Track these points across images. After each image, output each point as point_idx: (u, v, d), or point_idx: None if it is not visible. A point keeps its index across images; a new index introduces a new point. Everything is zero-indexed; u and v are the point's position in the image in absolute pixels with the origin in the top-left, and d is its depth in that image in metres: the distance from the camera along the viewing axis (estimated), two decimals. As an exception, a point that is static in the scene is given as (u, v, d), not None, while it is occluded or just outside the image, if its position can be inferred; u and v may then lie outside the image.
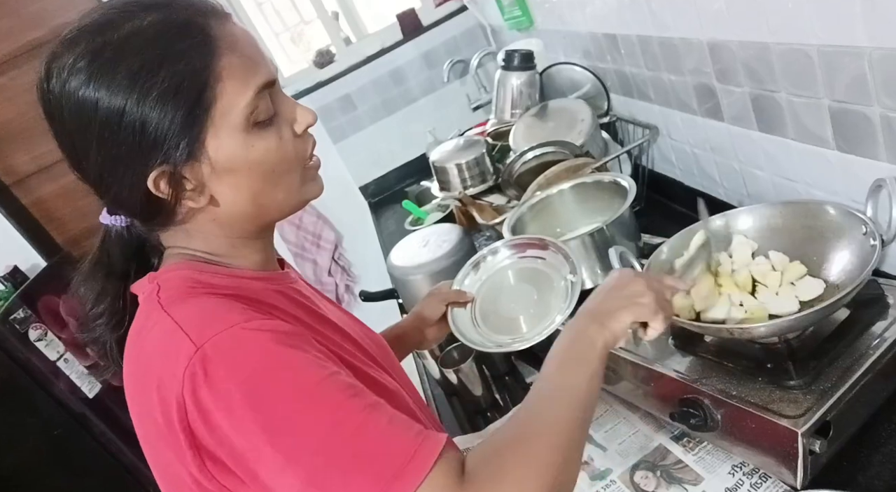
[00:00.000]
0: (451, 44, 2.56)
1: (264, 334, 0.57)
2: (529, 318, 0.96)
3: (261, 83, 0.62)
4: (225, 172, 0.62)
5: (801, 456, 0.71)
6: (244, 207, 0.66)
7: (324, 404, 0.54)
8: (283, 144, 0.65)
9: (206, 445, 0.55)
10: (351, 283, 2.84)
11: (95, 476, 2.37)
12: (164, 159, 0.60)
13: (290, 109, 0.67)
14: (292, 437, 0.53)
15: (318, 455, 0.52)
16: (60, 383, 2.29)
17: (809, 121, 0.91)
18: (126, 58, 0.57)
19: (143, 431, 0.61)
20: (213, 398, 0.53)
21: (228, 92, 0.60)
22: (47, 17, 2.35)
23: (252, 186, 0.64)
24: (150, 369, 0.59)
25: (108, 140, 0.59)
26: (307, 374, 0.56)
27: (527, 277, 1.03)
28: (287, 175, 0.67)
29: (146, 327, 0.62)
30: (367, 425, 0.54)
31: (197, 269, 0.65)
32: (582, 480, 0.93)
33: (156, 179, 0.60)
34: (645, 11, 1.19)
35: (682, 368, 0.87)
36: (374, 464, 0.52)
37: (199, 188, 0.63)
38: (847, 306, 0.82)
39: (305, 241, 2.67)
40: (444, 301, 1.04)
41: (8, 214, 2.50)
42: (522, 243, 1.07)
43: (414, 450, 0.53)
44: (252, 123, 0.62)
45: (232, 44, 0.61)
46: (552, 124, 1.56)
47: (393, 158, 2.66)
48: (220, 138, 0.61)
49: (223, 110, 0.60)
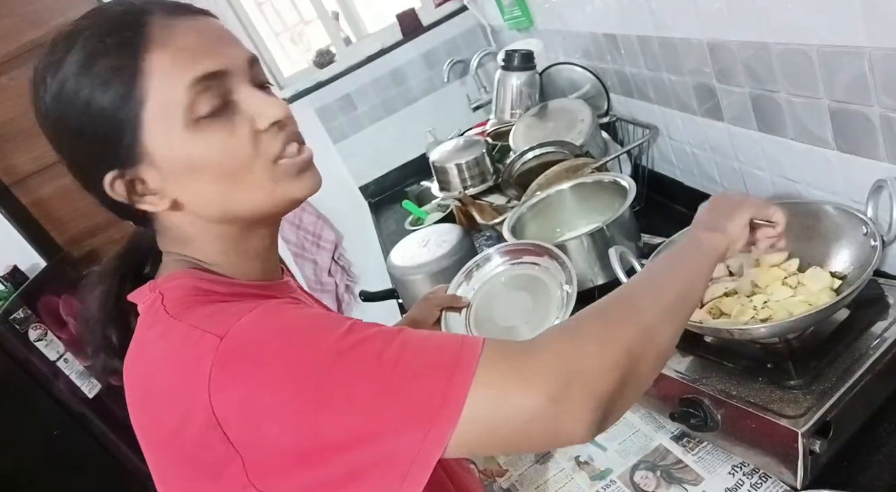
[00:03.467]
0: (451, 44, 2.56)
1: (282, 306, 0.57)
2: (525, 326, 0.95)
3: (198, 75, 0.57)
4: (174, 174, 0.59)
5: (801, 456, 0.71)
6: (209, 209, 0.62)
7: (360, 346, 0.52)
8: (236, 140, 0.59)
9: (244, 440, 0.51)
10: (351, 283, 2.84)
11: (95, 476, 2.36)
12: (110, 164, 0.59)
13: (254, 103, 0.61)
14: (347, 387, 0.50)
15: (377, 396, 0.50)
16: (60, 383, 2.29)
17: (809, 121, 0.91)
18: (66, 65, 0.57)
19: (152, 445, 0.59)
20: (251, 378, 0.51)
21: (158, 88, 0.56)
22: (47, 17, 2.35)
23: (207, 187, 0.60)
24: (159, 378, 0.56)
25: (66, 148, 0.60)
26: (333, 325, 0.54)
27: (522, 284, 1.03)
28: (248, 174, 0.61)
29: (150, 339, 0.60)
30: (408, 346, 0.53)
31: (198, 277, 0.63)
32: (582, 480, 0.93)
33: (111, 182, 0.60)
34: (645, 11, 1.19)
35: (682, 368, 0.87)
36: (429, 371, 0.51)
37: (157, 191, 0.61)
38: (847, 306, 0.82)
39: (305, 241, 2.67)
40: (439, 306, 1.03)
41: (8, 214, 2.50)
42: (517, 250, 1.06)
43: (461, 341, 0.53)
44: (193, 120, 0.57)
45: (167, 38, 0.57)
46: (552, 124, 1.56)
47: (393, 158, 2.66)
48: (158, 138, 0.58)
49: (156, 108, 0.57)
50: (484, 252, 1.09)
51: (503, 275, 1.05)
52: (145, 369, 0.60)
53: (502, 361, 0.52)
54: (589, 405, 0.50)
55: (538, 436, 0.51)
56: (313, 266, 2.73)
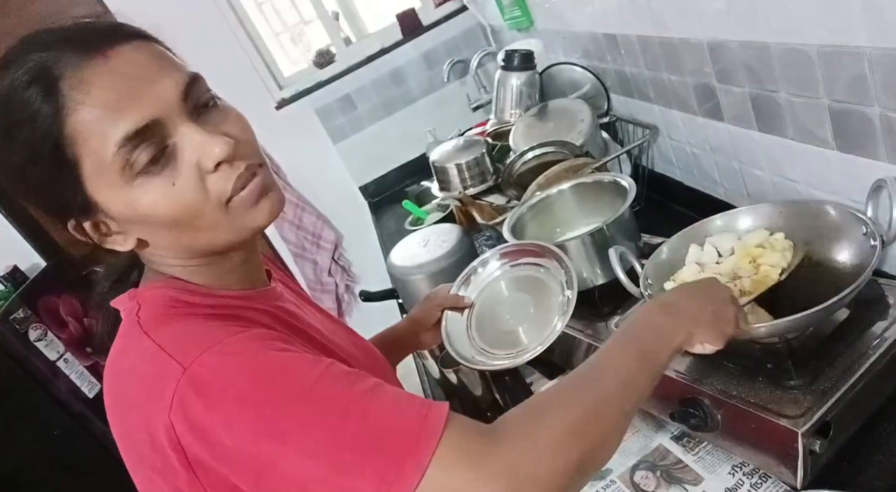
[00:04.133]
0: (451, 44, 2.56)
1: (251, 344, 0.56)
2: (527, 331, 0.95)
3: (124, 134, 0.54)
4: (129, 223, 0.59)
5: (801, 456, 0.71)
6: (175, 248, 0.63)
7: (326, 399, 0.53)
8: (180, 190, 0.57)
9: (205, 464, 0.53)
10: (351, 283, 2.85)
11: (95, 476, 2.36)
12: (66, 214, 0.59)
13: (196, 144, 0.57)
14: (302, 438, 0.51)
15: (329, 451, 0.51)
16: (60, 383, 2.28)
17: (809, 121, 0.91)
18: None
19: (126, 450, 0.60)
20: (209, 415, 0.51)
21: (87, 151, 0.55)
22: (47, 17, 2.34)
23: (165, 234, 0.60)
24: (130, 392, 0.57)
25: (25, 195, 0.60)
26: (302, 372, 0.54)
27: (523, 286, 1.02)
28: (199, 219, 0.59)
29: (125, 349, 0.61)
30: (371, 409, 0.53)
31: (176, 287, 0.63)
32: (582, 480, 0.93)
33: (74, 227, 0.60)
34: (645, 11, 1.19)
35: (682, 368, 0.87)
36: (389, 442, 0.51)
37: (120, 232, 0.61)
38: (847, 306, 0.82)
39: (305, 241, 2.67)
40: (441, 306, 1.03)
41: (8, 214, 2.49)
42: (516, 251, 1.06)
43: (424, 415, 0.52)
44: (132, 175, 0.55)
45: (84, 96, 0.53)
46: (552, 124, 1.56)
47: (393, 158, 2.66)
48: (101, 194, 0.57)
49: (91, 168, 0.55)
50: (481, 256, 1.08)
51: (504, 277, 1.05)
52: (119, 379, 0.61)
53: (462, 449, 0.51)
54: None
55: None
56: (313, 266, 2.73)
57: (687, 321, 0.66)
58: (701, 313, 0.67)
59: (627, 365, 0.61)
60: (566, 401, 0.57)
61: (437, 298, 1.05)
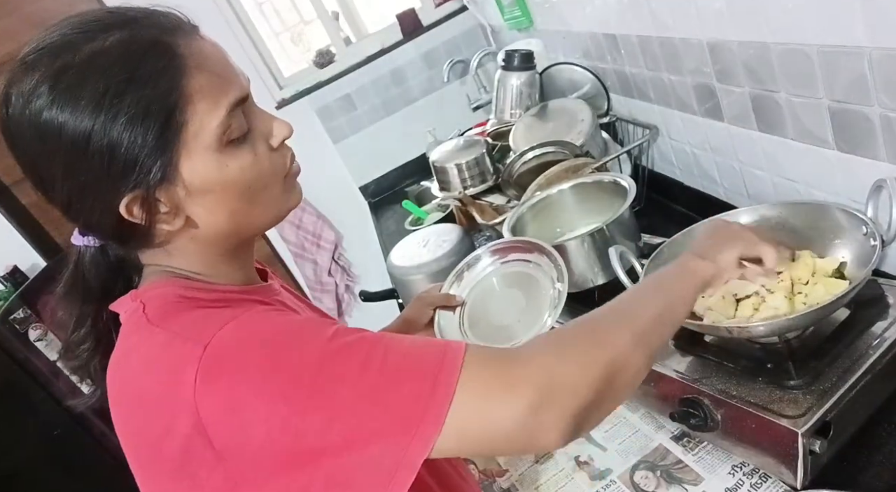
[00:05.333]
0: (451, 44, 2.56)
1: (265, 313, 0.58)
2: (518, 325, 0.95)
3: (232, 101, 0.59)
4: (200, 194, 0.61)
5: (801, 456, 0.71)
6: (222, 226, 0.64)
7: (346, 353, 0.53)
8: (259, 160, 0.63)
9: (233, 447, 0.52)
10: (351, 283, 2.84)
11: (95, 476, 2.36)
12: (135, 184, 0.58)
13: (266, 123, 0.65)
14: (333, 390, 0.51)
15: (363, 393, 0.52)
16: (60, 383, 2.28)
17: (809, 121, 0.91)
18: (90, 80, 0.54)
19: (137, 452, 0.59)
20: (239, 389, 0.51)
21: (199, 113, 0.58)
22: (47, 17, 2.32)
23: (229, 206, 0.62)
24: (143, 386, 0.57)
25: (75, 166, 0.57)
26: (318, 330, 0.55)
27: (514, 282, 1.02)
28: (264, 191, 0.64)
29: (132, 346, 0.60)
30: (392, 348, 0.54)
31: (181, 285, 0.64)
32: (582, 480, 0.93)
33: (128, 204, 0.58)
34: (645, 11, 1.19)
35: (682, 368, 0.87)
36: (415, 372, 0.52)
37: (174, 211, 0.61)
38: (847, 306, 0.82)
39: (305, 241, 2.67)
40: (432, 305, 1.03)
41: (8, 214, 2.49)
42: (505, 248, 1.06)
43: (443, 346, 0.54)
44: (225, 142, 0.60)
45: (200, 62, 0.58)
46: (552, 124, 1.56)
47: (393, 158, 2.66)
48: (193, 160, 0.59)
49: (195, 132, 0.58)
50: (473, 253, 1.08)
51: (495, 273, 1.05)
52: (128, 377, 0.60)
53: (484, 368, 0.53)
54: (565, 418, 0.53)
55: (516, 441, 0.53)
56: (313, 266, 2.73)
57: (714, 253, 0.72)
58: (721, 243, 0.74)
59: (656, 300, 0.65)
60: (591, 320, 0.60)
61: (428, 297, 1.05)
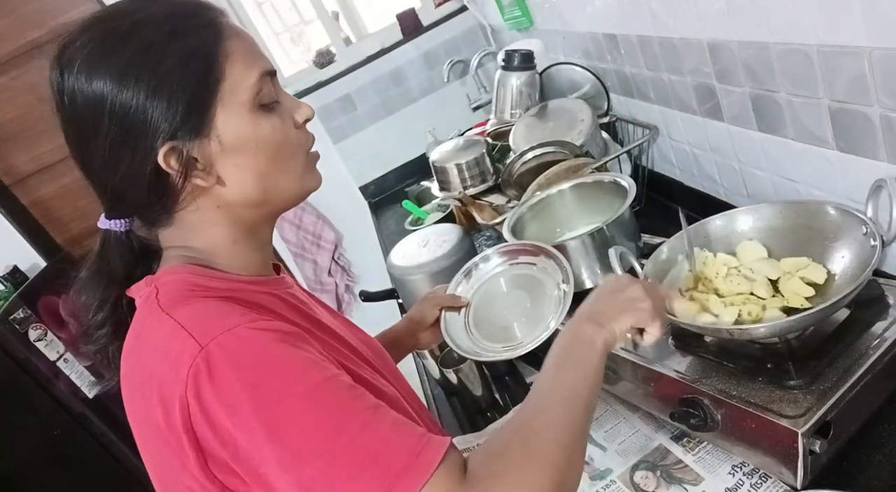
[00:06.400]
0: (451, 44, 2.56)
1: (268, 334, 0.57)
2: (523, 325, 0.96)
3: (264, 69, 0.65)
4: (233, 151, 0.64)
5: (801, 456, 0.71)
6: (250, 189, 0.66)
7: (328, 405, 0.54)
8: (288, 128, 0.68)
9: (210, 445, 0.54)
10: (351, 283, 2.84)
11: (95, 476, 2.37)
12: (173, 134, 0.61)
13: (290, 102, 0.70)
14: (297, 437, 0.53)
15: (322, 455, 0.52)
16: (60, 383, 2.29)
17: (809, 121, 0.91)
18: (137, 35, 0.60)
19: (143, 434, 0.61)
20: (217, 397, 0.53)
21: (236, 70, 0.63)
22: (47, 17, 2.34)
23: (258, 167, 0.66)
24: (150, 370, 0.58)
25: (120, 114, 0.60)
26: (311, 373, 0.56)
27: (520, 283, 1.03)
28: (291, 159, 0.69)
29: (145, 330, 0.62)
30: (371, 426, 0.54)
31: (194, 272, 0.65)
32: (582, 480, 0.93)
33: (166, 154, 0.61)
34: (645, 11, 1.19)
35: (682, 368, 0.87)
36: (378, 465, 0.52)
37: (208, 167, 0.64)
38: (847, 306, 0.82)
39: (305, 241, 2.67)
40: (438, 305, 1.04)
41: (8, 214, 2.50)
42: (514, 250, 1.06)
43: (417, 452, 0.53)
44: (258, 105, 0.64)
45: (237, 31, 0.66)
46: (552, 124, 1.56)
47: (393, 158, 2.66)
48: (229, 115, 0.63)
49: (231, 87, 0.63)
50: (483, 252, 1.09)
51: (502, 275, 1.06)
52: (139, 358, 0.62)
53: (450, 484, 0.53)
54: None
55: None
56: (313, 266, 2.73)
57: (608, 319, 0.70)
58: (618, 309, 0.72)
59: (566, 382, 0.65)
60: (523, 437, 0.59)
61: (434, 297, 1.06)
